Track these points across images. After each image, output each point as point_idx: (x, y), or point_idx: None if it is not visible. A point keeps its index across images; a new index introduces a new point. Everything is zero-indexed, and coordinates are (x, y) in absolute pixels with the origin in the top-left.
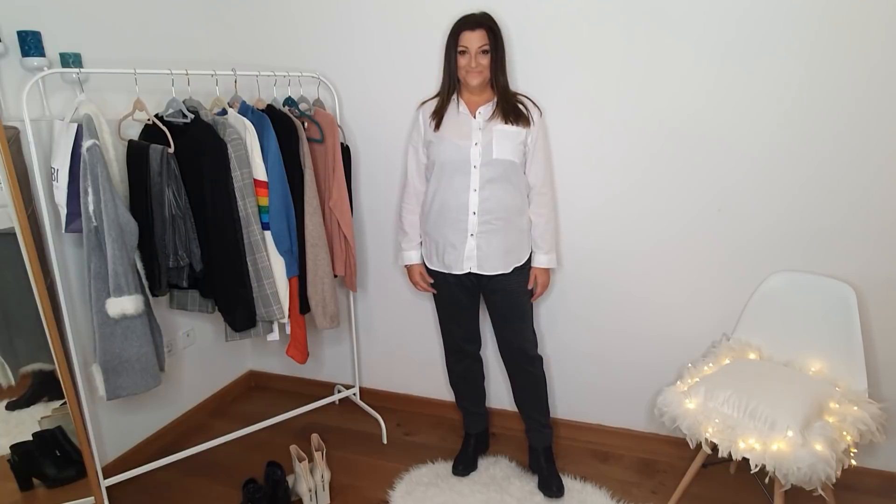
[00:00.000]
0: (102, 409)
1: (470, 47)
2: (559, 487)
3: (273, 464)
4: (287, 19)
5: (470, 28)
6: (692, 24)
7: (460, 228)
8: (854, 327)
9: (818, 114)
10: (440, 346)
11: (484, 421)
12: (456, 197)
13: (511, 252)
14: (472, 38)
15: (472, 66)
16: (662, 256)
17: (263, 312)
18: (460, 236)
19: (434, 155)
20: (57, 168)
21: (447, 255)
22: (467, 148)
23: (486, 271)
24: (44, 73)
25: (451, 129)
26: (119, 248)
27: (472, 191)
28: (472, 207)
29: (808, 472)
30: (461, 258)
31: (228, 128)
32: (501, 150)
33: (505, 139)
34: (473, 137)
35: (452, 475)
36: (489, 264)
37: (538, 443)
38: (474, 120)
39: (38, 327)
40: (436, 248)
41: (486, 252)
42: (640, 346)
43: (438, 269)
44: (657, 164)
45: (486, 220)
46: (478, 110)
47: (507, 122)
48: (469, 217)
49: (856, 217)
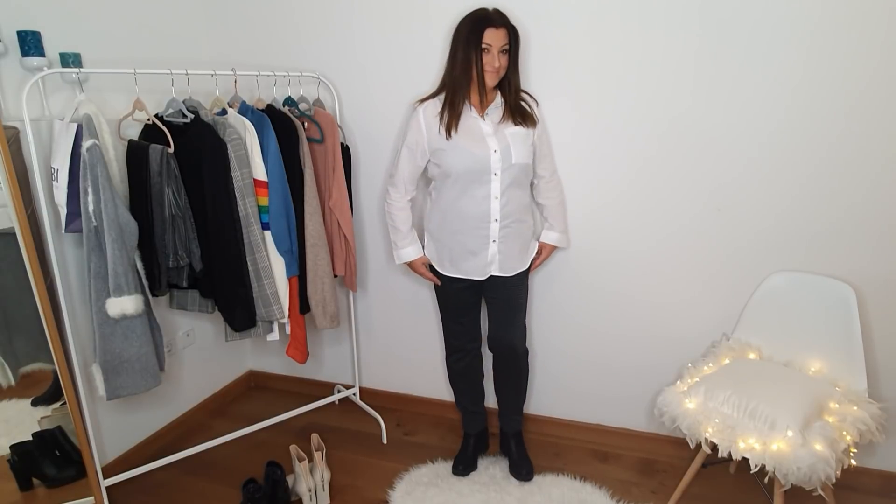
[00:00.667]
0: (102, 409)
1: (493, 45)
2: (528, 471)
3: (273, 464)
4: (287, 19)
5: (494, 25)
6: (692, 22)
7: (481, 236)
8: (854, 327)
9: (818, 114)
10: (440, 346)
11: (483, 420)
12: (476, 206)
13: (525, 249)
14: (496, 35)
15: (494, 65)
16: (662, 256)
17: (263, 312)
18: (481, 244)
19: (447, 164)
20: (57, 168)
21: (465, 261)
22: (486, 157)
23: (508, 273)
24: (44, 72)
25: (464, 135)
26: (119, 248)
27: (494, 198)
28: (493, 215)
29: (808, 471)
30: (483, 264)
31: (228, 128)
32: (519, 154)
33: (521, 142)
34: (490, 144)
35: (452, 475)
36: (510, 265)
37: (511, 428)
38: (484, 123)
39: (37, 327)
40: (450, 255)
41: (506, 255)
42: (640, 346)
43: (453, 275)
44: (657, 164)
45: (506, 225)
46: (486, 112)
47: (516, 124)
48: (491, 224)
49: (856, 217)
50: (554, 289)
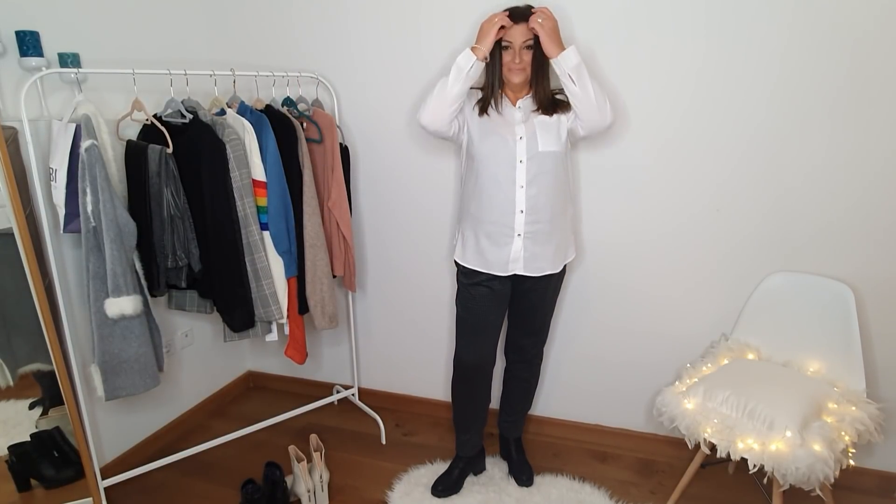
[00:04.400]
0: (101, 410)
1: (514, 42)
2: (529, 477)
3: (272, 464)
4: (286, 19)
5: (515, 21)
6: (693, 21)
7: (506, 226)
8: (852, 327)
9: (817, 114)
10: (440, 346)
11: (478, 444)
12: (501, 193)
13: (559, 251)
14: (516, 31)
15: (515, 62)
16: (661, 256)
17: (262, 313)
18: (505, 236)
19: (475, 147)
20: (55, 168)
21: (489, 252)
22: (512, 143)
23: (533, 272)
24: (42, 73)
25: (494, 120)
26: (117, 249)
27: (519, 187)
28: (518, 205)
29: (807, 472)
30: (506, 259)
31: (227, 128)
32: (546, 142)
33: (548, 130)
34: (517, 131)
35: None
36: (536, 265)
37: (512, 433)
38: (517, 111)
39: (36, 328)
40: (476, 245)
41: (532, 253)
42: (639, 346)
43: (477, 267)
44: (656, 164)
45: (534, 220)
46: (518, 103)
47: (547, 114)
48: (516, 215)
49: (855, 217)
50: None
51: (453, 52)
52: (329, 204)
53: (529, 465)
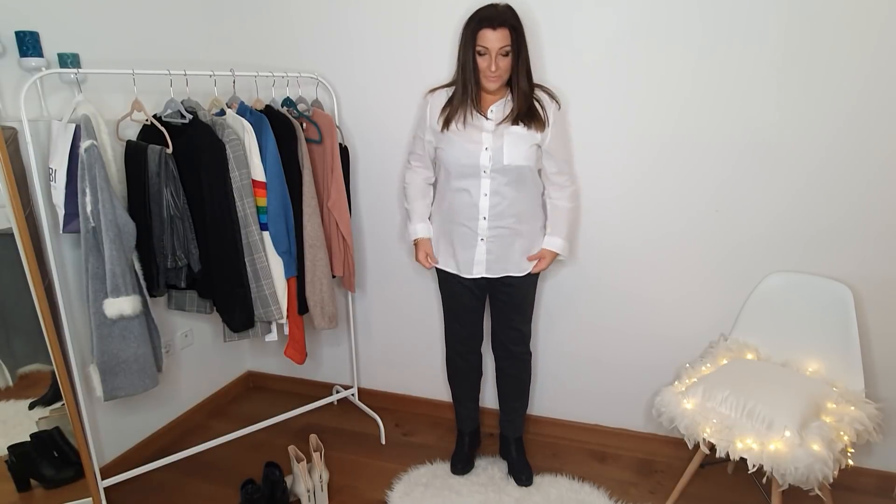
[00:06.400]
0: (100, 410)
1: (491, 48)
2: (528, 477)
3: (271, 464)
4: (285, 20)
5: (491, 26)
6: (693, 22)
7: (469, 231)
8: (851, 327)
9: (816, 114)
10: (439, 346)
11: (477, 418)
12: (465, 200)
13: (525, 253)
14: (493, 37)
15: (491, 70)
16: (661, 257)
17: (262, 313)
18: (470, 240)
19: (441, 156)
20: (55, 168)
21: (458, 253)
22: (476, 154)
23: (496, 274)
24: (42, 73)
25: (461, 129)
26: (117, 249)
27: (483, 195)
28: (482, 212)
29: (806, 471)
30: (471, 262)
31: (227, 128)
32: (513, 156)
33: (517, 144)
34: (484, 141)
35: (451, 475)
36: (499, 266)
37: (512, 433)
38: (486, 120)
39: (35, 328)
40: (447, 245)
41: (496, 256)
42: (638, 346)
43: (449, 269)
44: (655, 164)
45: (496, 226)
46: (490, 108)
47: (519, 125)
48: (479, 222)
49: (853, 217)
50: (552, 289)
51: (453, 53)
52: (329, 204)
53: (529, 466)
